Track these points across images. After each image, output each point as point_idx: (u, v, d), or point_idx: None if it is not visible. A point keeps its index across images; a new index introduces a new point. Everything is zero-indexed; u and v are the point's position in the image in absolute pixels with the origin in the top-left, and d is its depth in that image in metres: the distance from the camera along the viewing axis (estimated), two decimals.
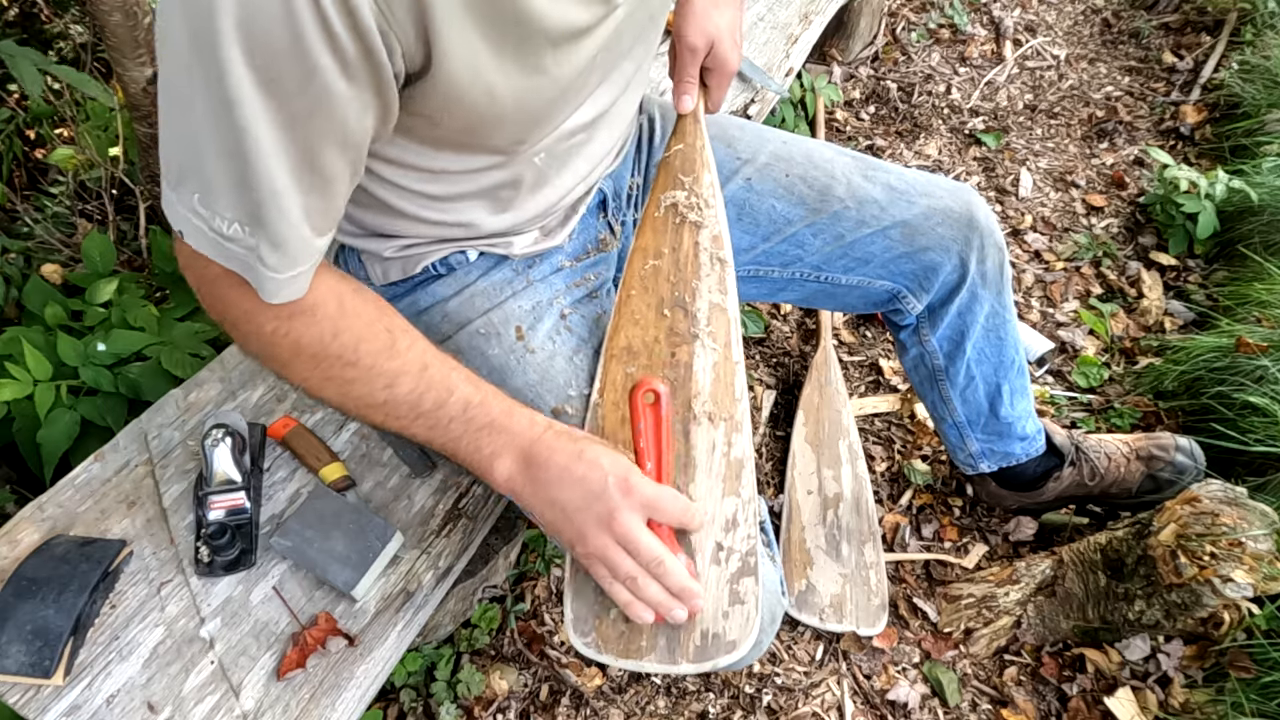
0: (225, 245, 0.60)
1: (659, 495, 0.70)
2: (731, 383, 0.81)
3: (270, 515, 0.95)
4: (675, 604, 0.69)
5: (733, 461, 0.78)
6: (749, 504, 0.77)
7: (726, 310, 0.83)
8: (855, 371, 1.69)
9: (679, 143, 0.91)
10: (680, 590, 0.69)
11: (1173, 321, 1.74)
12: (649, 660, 0.71)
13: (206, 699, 0.81)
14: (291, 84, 0.52)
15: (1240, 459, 1.34)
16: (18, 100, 1.79)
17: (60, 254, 1.56)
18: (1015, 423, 1.21)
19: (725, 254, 0.86)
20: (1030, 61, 2.40)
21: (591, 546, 0.69)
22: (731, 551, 0.74)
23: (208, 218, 0.58)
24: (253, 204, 0.57)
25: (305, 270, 0.63)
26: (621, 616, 0.73)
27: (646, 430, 0.77)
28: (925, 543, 1.42)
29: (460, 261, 0.87)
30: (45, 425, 1.14)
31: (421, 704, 1.23)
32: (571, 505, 0.69)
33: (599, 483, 0.69)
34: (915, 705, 1.24)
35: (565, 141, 0.78)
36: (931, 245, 1.01)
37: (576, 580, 0.74)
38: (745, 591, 0.73)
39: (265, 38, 0.49)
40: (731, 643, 0.72)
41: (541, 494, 0.71)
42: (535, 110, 0.69)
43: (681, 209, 0.86)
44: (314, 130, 0.55)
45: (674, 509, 0.71)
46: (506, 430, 0.72)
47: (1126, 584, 1.15)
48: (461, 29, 0.56)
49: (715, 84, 0.94)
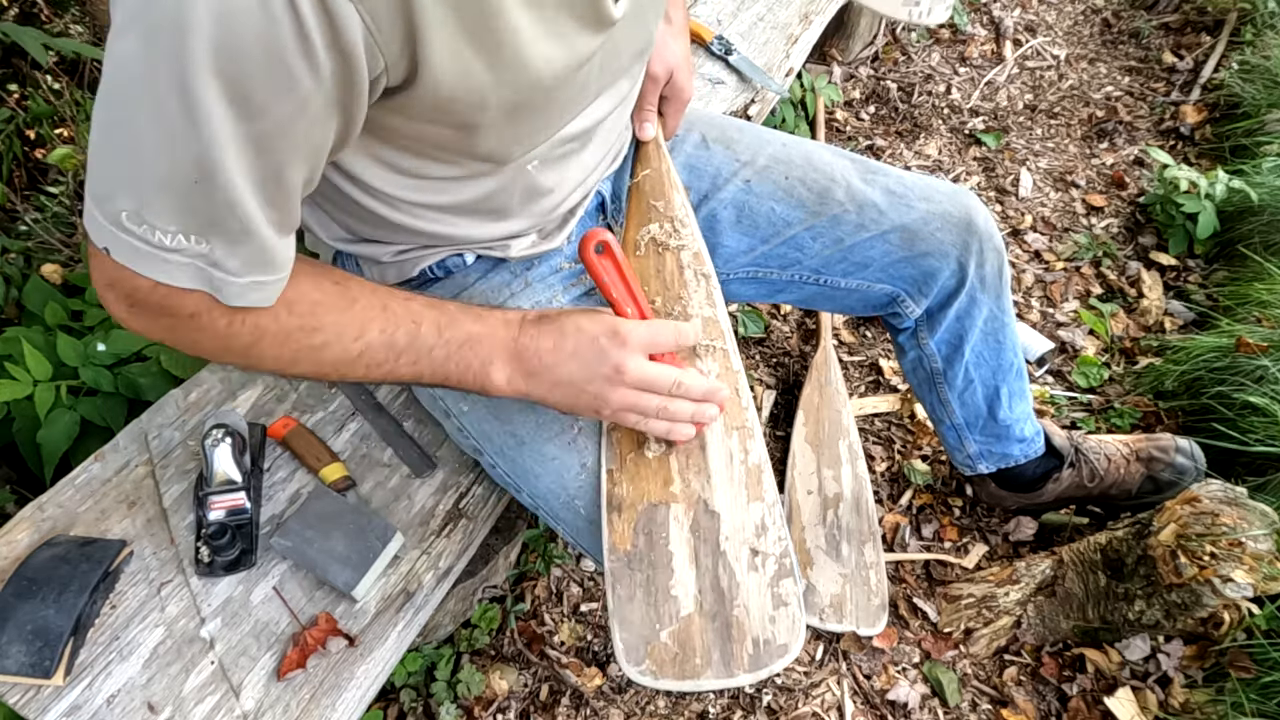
0: (166, 258, 0.57)
1: (650, 330, 0.74)
2: (737, 391, 0.82)
3: (270, 515, 0.95)
4: (706, 407, 0.75)
5: (751, 468, 0.79)
6: (774, 507, 0.78)
7: (718, 322, 0.85)
8: (855, 371, 1.69)
9: (645, 168, 0.94)
10: (706, 393, 0.75)
11: (1173, 321, 1.74)
12: (706, 678, 0.72)
13: (206, 699, 0.81)
14: (263, 100, 0.50)
15: (1240, 459, 1.34)
16: (18, 100, 1.79)
17: (60, 254, 1.56)
18: (1014, 425, 1.21)
19: (707, 269, 0.89)
20: (1030, 61, 2.40)
21: (614, 403, 0.72)
22: (766, 556, 0.75)
23: (142, 233, 0.55)
24: (207, 215, 0.55)
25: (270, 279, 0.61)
26: (673, 638, 0.73)
27: (612, 279, 0.78)
28: (925, 543, 1.43)
29: (458, 265, 0.87)
30: (45, 425, 1.14)
31: (421, 704, 1.23)
32: (578, 378, 0.72)
33: (592, 346, 0.71)
34: (915, 705, 1.24)
35: (559, 149, 0.78)
36: (930, 250, 1.02)
37: (620, 611, 0.74)
38: (786, 593, 0.74)
39: (240, 52, 0.47)
40: (783, 646, 0.72)
41: (546, 379, 0.73)
42: (528, 121, 0.69)
43: (660, 239, 0.89)
44: (282, 146, 0.54)
45: (668, 336, 0.75)
46: (486, 337, 0.73)
47: (1126, 584, 1.15)
48: (452, 40, 0.55)
49: (671, 111, 0.97)
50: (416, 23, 0.52)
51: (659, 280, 0.87)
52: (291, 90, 0.50)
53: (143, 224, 0.55)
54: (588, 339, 0.71)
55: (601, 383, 0.72)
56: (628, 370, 0.71)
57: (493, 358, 0.72)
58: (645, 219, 0.90)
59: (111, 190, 0.55)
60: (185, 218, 0.55)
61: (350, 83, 0.53)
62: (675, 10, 0.97)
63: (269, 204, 0.57)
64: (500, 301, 0.88)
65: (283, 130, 0.53)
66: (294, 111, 0.52)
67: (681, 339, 0.76)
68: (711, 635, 0.72)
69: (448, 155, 0.70)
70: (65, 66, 1.87)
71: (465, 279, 0.88)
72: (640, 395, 0.72)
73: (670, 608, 0.73)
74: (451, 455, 1.02)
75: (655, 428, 0.74)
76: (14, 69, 1.82)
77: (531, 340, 0.73)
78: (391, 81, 0.56)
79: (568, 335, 0.72)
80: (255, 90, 0.49)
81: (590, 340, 0.71)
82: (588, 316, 0.73)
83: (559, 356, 0.72)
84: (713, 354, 0.84)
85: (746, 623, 0.73)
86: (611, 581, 0.75)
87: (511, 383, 0.73)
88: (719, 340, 0.84)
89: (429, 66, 0.55)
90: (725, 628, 0.73)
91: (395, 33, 0.52)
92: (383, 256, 0.85)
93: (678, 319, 0.85)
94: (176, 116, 0.49)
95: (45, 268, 1.48)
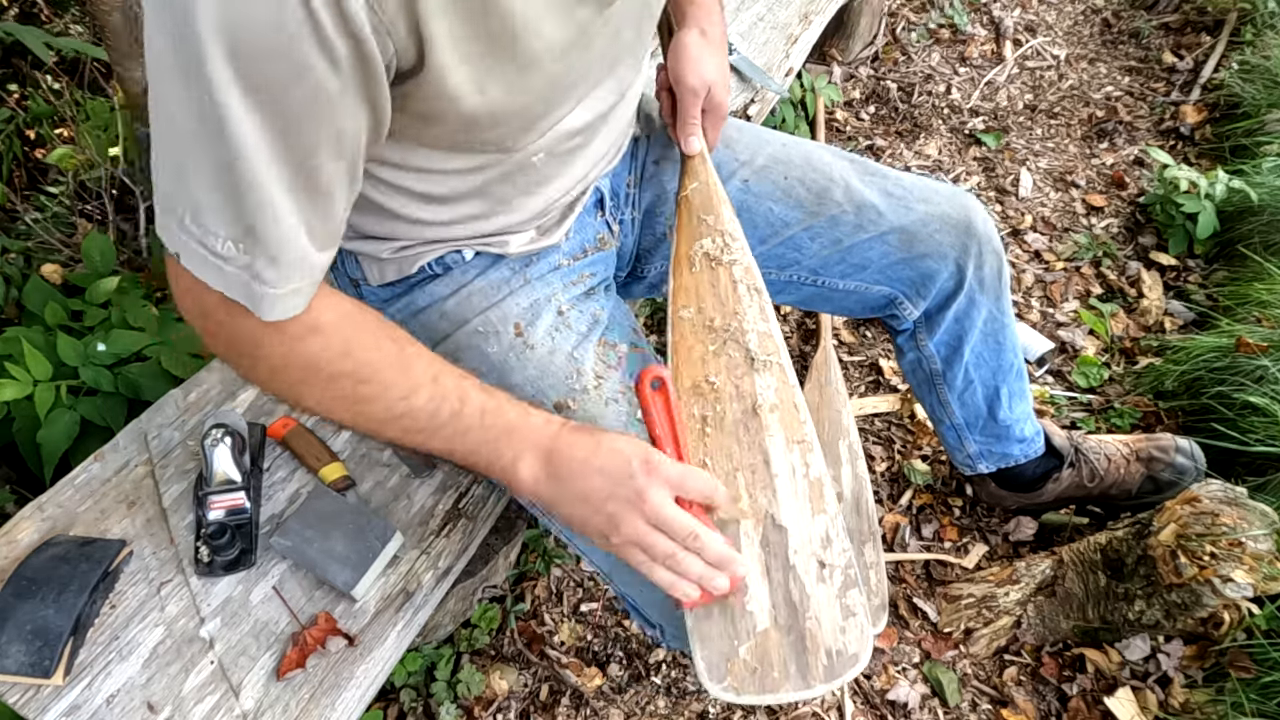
0: (222, 267, 0.58)
1: (684, 472, 0.71)
2: (795, 405, 0.83)
3: (270, 515, 0.95)
4: (716, 574, 0.70)
5: (813, 481, 0.80)
6: (836, 519, 0.79)
7: (772, 336, 0.85)
8: (855, 371, 1.69)
9: (693, 181, 0.94)
10: (719, 559, 0.70)
11: (1173, 321, 1.74)
12: (785, 691, 0.72)
13: (206, 699, 0.81)
14: (280, 88, 0.50)
15: (1240, 459, 1.34)
16: (18, 100, 1.80)
17: (60, 254, 1.56)
18: (1013, 425, 1.21)
19: (759, 283, 0.89)
20: (1030, 61, 2.40)
21: (625, 532, 0.69)
22: (834, 568, 0.76)
23: (200, 235, 0.56)
24: (246, 217, 0.55)
25: (304, 286, 0.62)
26: (751, 654, 0.73)
27: (659, 416, 0.78)
28: (925, 543, 1.43)
29: (456, 261, 0.87)
30: (45, 425, 1.14)
31: (421, 704, 1.23)
32: (599, 494, 0.69)
33: (623, 466, 0.69)
34: (915, 705, 1.24)
35: (565, 143, 0.78)
36: (929, 252, 1.02)
37: (700, 629, 0.74)
38: (854, 603, 0.75)
39: (251, 40, 0.48)
40: (854, 655, 0.73)
41: (568, 489, 0.71)
42: (531, 107, 0.69)
43: (712, 254, 0.89)
44: (306, 136, 0.54)
45: (700, 484, 0.72)
46: (524, 433, 0.71)
47: (1126, 584, 1.15)
48: (453, 25, 0.56)
49: (711, 125, 0.97)
50: (419, 8, 0.53)
51: (714, 297, 0.87)
52: (304, 75, 0.51)
53: (199, 226, 0.56)
54: (621, 459, 0.69)
55: (620, 504, 0.69)
56: (648, 500, 0.68)
57: (524, 453, 0.71)
58: (696, 233, 0.91)
59: (171, 195, 0.56)
60: (229, 220, 0.55)
61: (369, 70, 0.53)
62: (712, 26, 0.96)
63: (305, 203, 0.57)
64: (500, 298, 0.88)
65: (303, 118, 0.53)
66: (310, 97, 0.52)
67: (712, 493, 0.73)
68: (787, 649, 0.73)
69: (453, 145, 0.70)
70: (65, 66, 1.87)
71: (464, 276, 0.88)
72: (653, 533, 0.69)
73: (747, 623, 0.74)
74: None
75: (660, 576, 0.70)
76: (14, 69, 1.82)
77: (567, 446, 0.71)
78: (402, 66, 0.57)
79: (602, 449, 0.70)
80: (271, 76, 0.50)
81: (623, 461, 0.69)
82: (629, 440, 0.71)
83: (589, 467, 0.70)
84: (770, 369, 0.83)
85: (819, 634, 0.74)
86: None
87: (536, 482, 0.71)
88: (775, 355, 0.84)
89: (433, 51, 0.56)
90: (799, 640, 0.73)
91: (400, 18, 0.53)
92: (383, 253, 0.85)
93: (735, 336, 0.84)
94: (201, 110, 0.50)
95: (45, 268, 1.49)
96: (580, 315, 0.89)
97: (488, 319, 0.87)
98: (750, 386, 0.83)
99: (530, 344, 0.85)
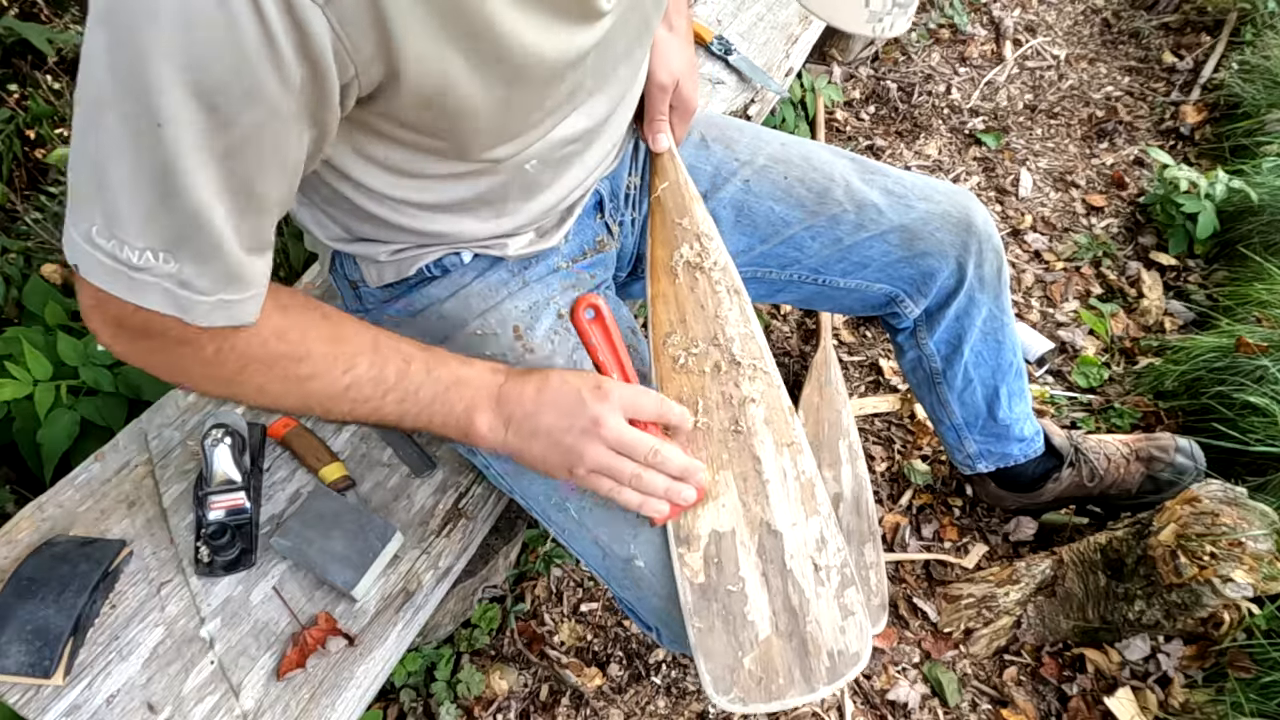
0: (134, 277, 0.54)
1: (634, 392, 0.72)
2: (781, 407, 0.83)
3: (270, 515, 0.95)
4: (682, 486, 0.72)
5: (805, 483, 0.80)
6: (829, 519, 0.79)
7: (754, 338, 0.85)
8: (855, 371, 1.69)
9: (663, 180, 0.93)
10: (683, 470, 0.72)
11: (1173, 321, 1.74)
12: (790, 696, 0.73)
13: (206, 699, 0.81)
14: (231, 108, 0.48)
15: (1240, 459, 1.34)
16: (18, 100, 1.80)
17: (60, 254, 1.56)
18: (1013, 425, 1.21)
19: (738, 283, 0.88)
20: (1030, 61, 2.40)
21: (588, 460, 0.70)
22: (830, 569, 0.77)
23: (111, 248, 0.53)
24: (174, 229, 0.53)
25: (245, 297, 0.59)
26: (755, 663, 0.74)
27: (599, 345, 0.79)
28: (925, 543, 1.43)
29: (455, 263, 0.87)
30: (45, 425, 1.14)
31: (421, 704, 1.23)
32: (556, 428, 0.70)
33: (573, 397, 0.70)
34: (915, 705, 1.24)
35: (559, 150, 0.77)
36: (929, 250, 1.02)
37: (704, 643, 0.75)
38: (851, 602, 0.76)
39: (204, 58, 0.46)
40: (855, 654, 0.74)
41: (525, 429, 0.71)
42: (516, 118, 0.67)
43: (693, 262, 0.89)
44: (250, 156, 0.52)
45: (651, 403, 0.73)
46: (472, 381, 0.72)
47: (1126, 584, 1.15)
48: (429, 40, 0.54)
49: (679, 121, 0.96)
50: (389, 25, 0.51)
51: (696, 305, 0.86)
52: (258, 98, 0.49)
53: (112, 239, 0.53)
54: (570, 390, 0.71)
55: (578, 435, 0.70)
56: (605, 425, 0.69)
57: (477, 402, 0.72)
58: (673, 239, 0.90)
59: (83, 201, 0.53)
60: (153, 232, 0.53)
61: (321, 92, 0.52)
62: (678, 18, 0.96)
63: (239, 217, 0.55)
64: (498, 300, 0.87)
65: (250, 140, 0.51)
66: (262, 120, 0.50)
67: (665, 410, 0.74)
68: (790, 654, 0.74)
69: (442, 153, 0.70)
70: (65, 66, 1.87)
71: (462, 278, 0.88)
72: (615, 458, 0.70)
73: (749, 633, 0.74)
74: (451, 455, 1.02)
75: (628, 498, 0.72)
76: (14, 69, 1.82)
77: (515, 387, 0.72)
78: (364, 89, 0.55)
79: (550, 384, 0.72)
80: (221, 97, 0.48)
81: (572, 391, 0.71)
82: (573, 371, 0.73)
83: (539, 404, 0.71)
84: (754, 373, 0.83)
85: (820, 637, 0.74)
86: (689, 615, 0.75)
87: (493, 430, 0.72)
88: (759, 360, 0.84)
89: (407, 65, 0.54)
90: (801, 645, 0.74)
91: (366, 37, 0.51)
92: (380, 255, 0.84)
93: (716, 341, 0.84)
94: (139, 120, 0.48)
95: (45, 268, 1.48)
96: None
97: (486, 321, 0.87)
98: (736, 393, 0.82)
99: (529, 347, 0.85)
